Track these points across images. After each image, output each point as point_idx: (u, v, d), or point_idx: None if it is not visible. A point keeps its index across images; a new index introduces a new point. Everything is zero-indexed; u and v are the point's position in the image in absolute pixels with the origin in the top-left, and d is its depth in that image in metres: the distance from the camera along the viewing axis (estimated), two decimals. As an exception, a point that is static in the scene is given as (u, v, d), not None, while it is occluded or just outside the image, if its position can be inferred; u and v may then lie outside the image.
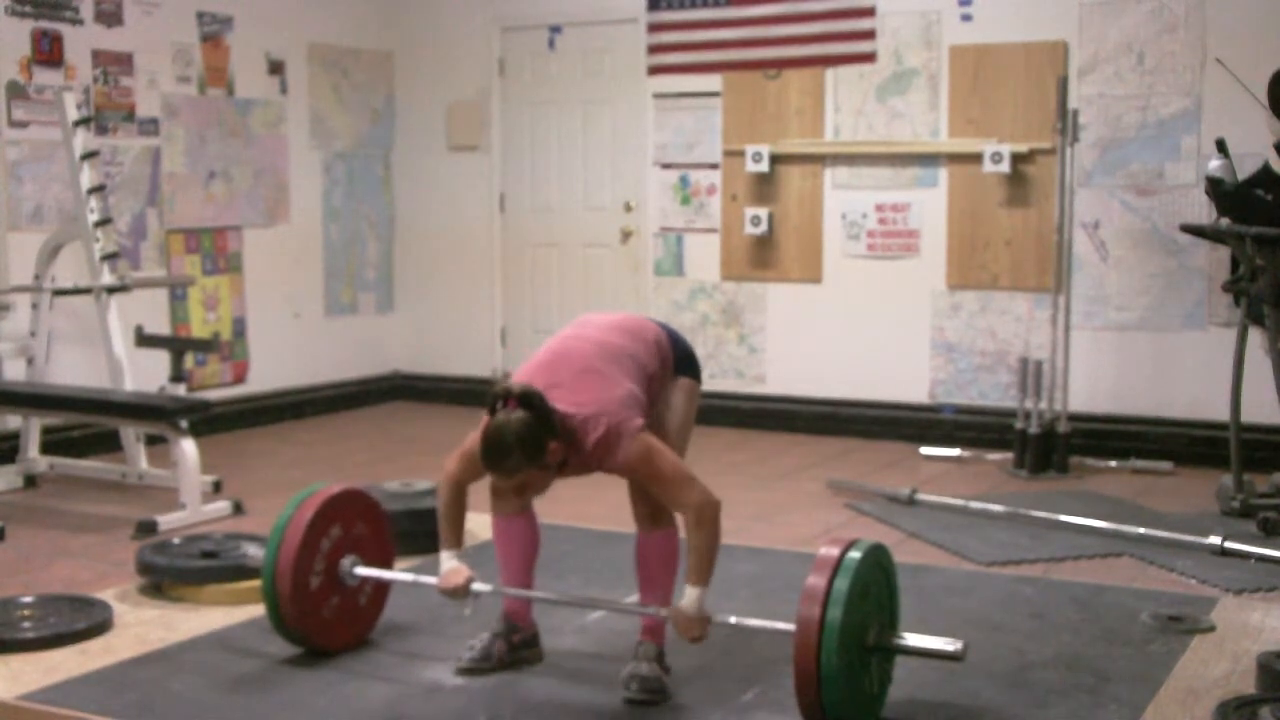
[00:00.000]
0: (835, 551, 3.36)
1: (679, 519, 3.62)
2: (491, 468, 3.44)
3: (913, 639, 3.48)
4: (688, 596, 3.51)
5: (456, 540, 3.77)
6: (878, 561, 3.46)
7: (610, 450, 3.45)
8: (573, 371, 3.54)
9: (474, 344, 8.82)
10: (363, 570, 4.02)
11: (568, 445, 3.45)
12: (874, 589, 3.43)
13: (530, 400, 3.39)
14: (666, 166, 8.15)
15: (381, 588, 4.16)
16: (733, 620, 3.61)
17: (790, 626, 3.32)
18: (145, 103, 7.37)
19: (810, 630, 3.24)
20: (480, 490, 3.83)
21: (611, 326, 3.74)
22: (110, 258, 6.44)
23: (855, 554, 3.35)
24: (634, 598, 3.81)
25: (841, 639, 3.24)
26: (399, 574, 4.12)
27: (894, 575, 3.56)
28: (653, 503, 3.63)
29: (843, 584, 3.28)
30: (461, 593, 3.73)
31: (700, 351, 7.91)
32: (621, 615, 4.18)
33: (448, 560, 3.76)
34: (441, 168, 8.84)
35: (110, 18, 7.15)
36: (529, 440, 3.36)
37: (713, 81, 7.95)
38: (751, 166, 7.78)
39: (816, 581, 3.29)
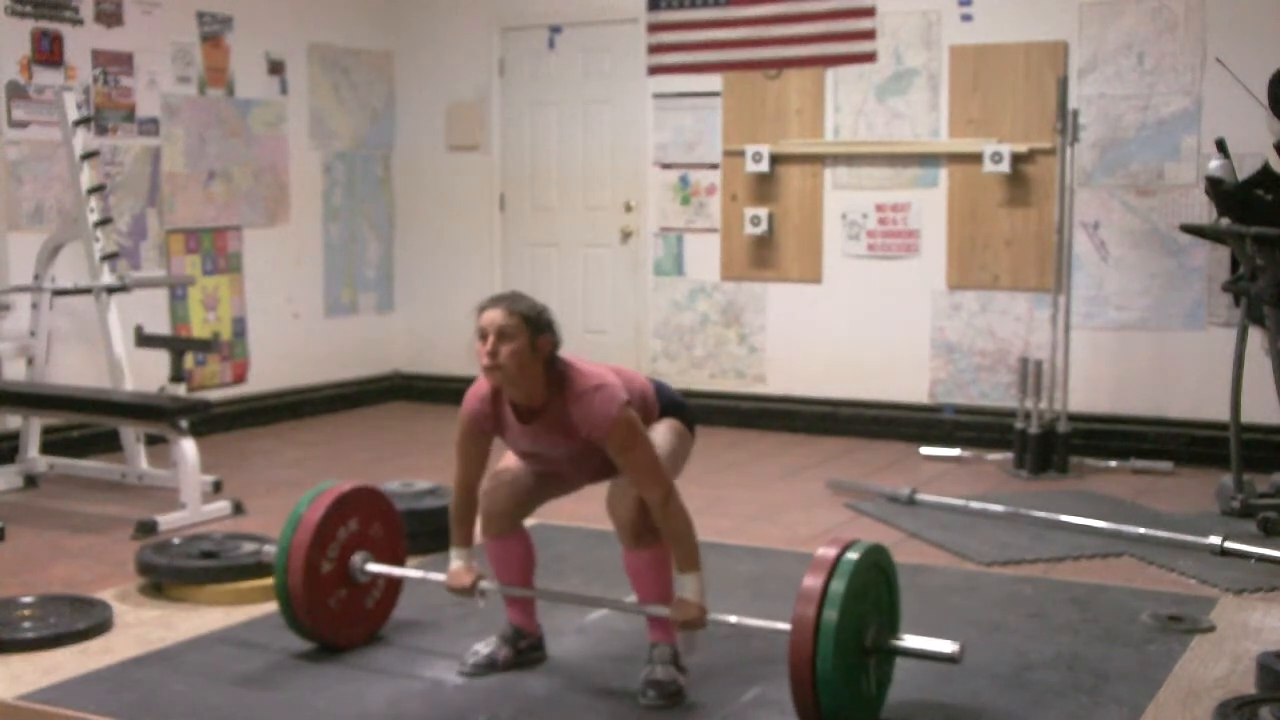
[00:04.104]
0: (832, 552, 3.35)
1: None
2: (491, 303, 3.66)
3: (910, 640, 3.47)
4: (687, 586, 3.55)
5: (466, 539, 3.81)
6: (876, 562, 3.44)
7: (594, 409, 3.50)
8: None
9: (474, 344, 8.79)
10: (374, 567, 4.04)
11: (551, 388, 3.56)
12: (872, 590, 3.42)
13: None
14: (666, 166, 8.14)
15: (389, 594, 4.17)
16: (732, 620, 3.62)
17: (786, 626, 3.32)
18: (145, 103, 7.37)
19: (806, 631, 3.23)
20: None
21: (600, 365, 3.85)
22: (110, 258, 6.44)
23: (853, 555, 3.34)
24: (633, 598, 3.81)
25: (838, 640, 3.23)
26: (407, 570, 4.14)
27: (894, 576, 3.56)
28: (633, 519, 3.61)
29: (839, 585, 3.27)
30: (469, 591, 3.78)
31: (700, 351, 8.00)
32: (622, 615, 4.18)
33: (456, 558, 3.80)
34: (441, 168, 8.84)
35: (110, 18, 7.15)
36: (535, 309, 3.60)
37: (713, 81, 7.95)
38: (751, 166, 7.78)
39: (813, 582, 3.29)
